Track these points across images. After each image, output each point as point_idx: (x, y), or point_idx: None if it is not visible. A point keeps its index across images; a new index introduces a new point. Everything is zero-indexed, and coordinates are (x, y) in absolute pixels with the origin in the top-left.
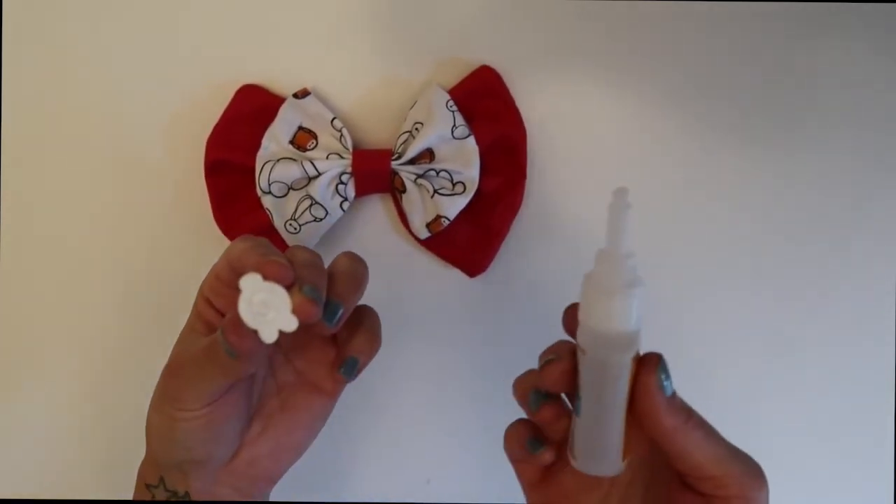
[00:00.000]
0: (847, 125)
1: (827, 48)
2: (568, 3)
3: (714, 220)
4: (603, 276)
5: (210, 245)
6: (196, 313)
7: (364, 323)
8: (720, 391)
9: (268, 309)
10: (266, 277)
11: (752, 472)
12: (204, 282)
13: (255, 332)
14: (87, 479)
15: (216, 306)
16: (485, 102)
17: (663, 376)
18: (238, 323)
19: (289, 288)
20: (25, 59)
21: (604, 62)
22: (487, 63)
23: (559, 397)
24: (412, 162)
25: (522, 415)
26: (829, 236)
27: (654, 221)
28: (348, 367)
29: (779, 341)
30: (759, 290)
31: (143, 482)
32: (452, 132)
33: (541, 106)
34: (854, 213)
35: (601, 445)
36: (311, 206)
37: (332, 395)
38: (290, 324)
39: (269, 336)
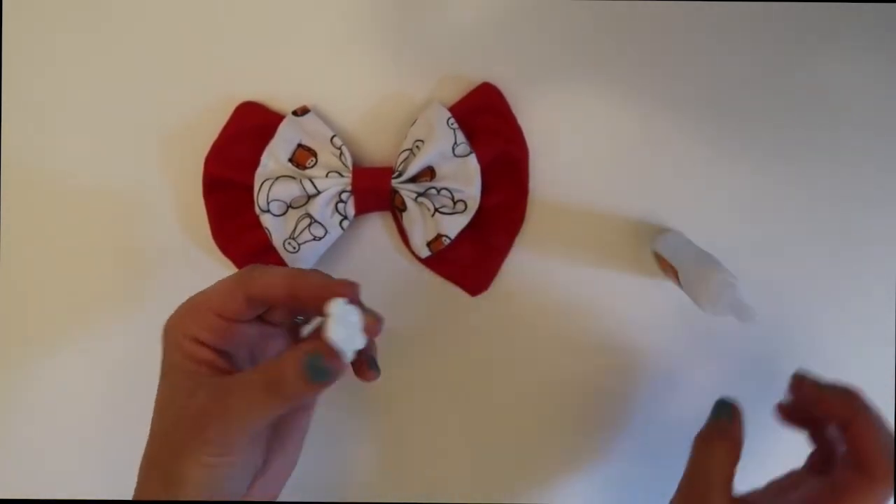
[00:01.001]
0: (854, 130)
1: (832, 52)
2: (568, 19)
3: (719, 230)
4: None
5: (208, 263)
6: (184, 357)
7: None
8: (725, 392)
9: (354, 330)
10: (352, 300)
11: None
12: (188, 324)
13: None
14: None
15: (210, 344)
16: (486, 119)
17: None
18: (331, 346)
19: None
20: (23, 76)
21: (606, 76)
22: (489, 80)
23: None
24: (413, 180)
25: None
26: (835, 239)
27: (659, 228)
28: (374, 363)
29: (784, 345)
30: (766, 296)
31: None
32: (453, 150)
33: (543, 122)
34: (860, 216)
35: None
36: (310, 224)
37: (312, 408)
38: (362, 342)
39: (350, 356)
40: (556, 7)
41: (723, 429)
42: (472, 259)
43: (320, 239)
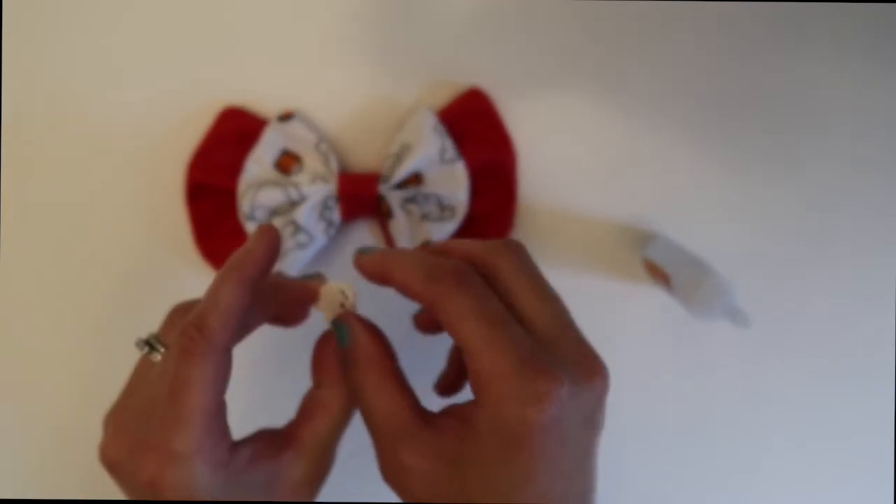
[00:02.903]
0: (844, 132)
1: (822, 55)
2: (556, 24)
3: (708, 235)
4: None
5: (190, 272)
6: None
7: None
8: (719, 398)
9: None
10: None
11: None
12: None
13: None
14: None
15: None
16: (474, 125)
17: None
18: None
19: None
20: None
21: (594, 82)
22: (476, 85)
23: None
24: (400, 186)
25: None
26: (829, 241)
27: (648, 234)
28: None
29: (777, 349)
30: (760, 300)
31: None
32: (441, 155)
33: (531, 128)
34: (852, 218)
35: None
36: (295, 231)
37: None
38: None
39: None
40: (543, 12)
41: (359, 364)
42: None
43: (306, 246)
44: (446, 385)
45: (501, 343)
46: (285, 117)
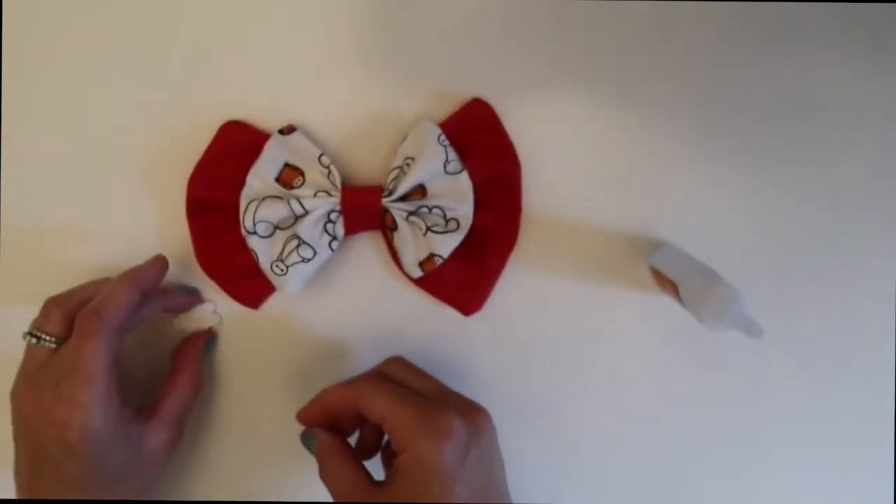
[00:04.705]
0: (848, 135)
1: (828, 56)
2: (559, 33)
3: (715, 242)
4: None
5: (191, 285)
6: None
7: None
8: (726, 404)
9: None
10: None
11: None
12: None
13: None
14: None
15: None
16: (477, 136)
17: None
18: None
19: None
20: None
21: (599, 91)
22: (479, 95)
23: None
24: (404, 198)
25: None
26: (830, 248)
27: (655, 242)
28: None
29: (785, 355)
30: (767, 306)
31: None
32: (445, 167)
33: (535, 138)
34: (858, 224)
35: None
36: (298, 246)
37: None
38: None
39: None
40: (545, 21)
41: (324, 455)
42: (464, 278)
43: (309, 260)
44: (362, 451)
45: (402, 402)
46: (287, 130)
